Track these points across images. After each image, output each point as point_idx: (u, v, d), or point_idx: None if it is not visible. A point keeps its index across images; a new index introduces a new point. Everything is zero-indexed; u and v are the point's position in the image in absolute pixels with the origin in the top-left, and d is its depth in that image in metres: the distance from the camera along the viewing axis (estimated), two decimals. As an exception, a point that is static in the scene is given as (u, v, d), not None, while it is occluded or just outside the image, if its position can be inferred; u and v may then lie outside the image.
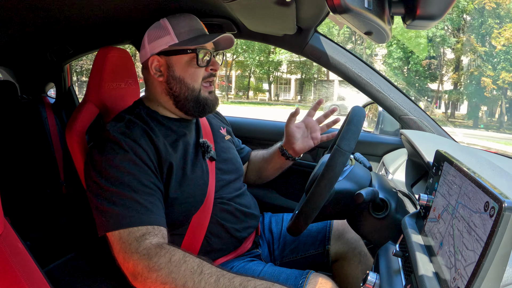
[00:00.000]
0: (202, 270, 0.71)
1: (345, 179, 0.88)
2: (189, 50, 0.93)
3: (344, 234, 1.11)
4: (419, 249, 0.63)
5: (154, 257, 0.73)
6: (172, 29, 0.93)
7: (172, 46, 0.93)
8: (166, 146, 0.90)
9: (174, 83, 0.94)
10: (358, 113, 0.84)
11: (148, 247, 0.74)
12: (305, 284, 0.85)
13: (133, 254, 0.74)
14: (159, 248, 0.74)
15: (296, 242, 1.13)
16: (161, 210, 0.84)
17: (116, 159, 0.82)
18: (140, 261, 0.73)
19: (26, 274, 0.61)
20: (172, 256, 0.73)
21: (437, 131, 1.36)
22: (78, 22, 1.24)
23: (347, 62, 1.36)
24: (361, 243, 1.09)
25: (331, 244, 1.10)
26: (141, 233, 0.76)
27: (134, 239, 0.75)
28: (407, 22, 0.59)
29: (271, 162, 1.21)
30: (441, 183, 0.65)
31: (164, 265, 0.72)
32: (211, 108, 0.98)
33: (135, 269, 0.74)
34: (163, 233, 0.80)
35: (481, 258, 0.44)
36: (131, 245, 0.75)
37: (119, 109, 1.01)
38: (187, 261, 0.72)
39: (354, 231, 0.92)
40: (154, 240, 0.76)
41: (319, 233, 1.12)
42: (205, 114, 0.99)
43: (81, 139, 1.02)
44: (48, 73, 2.04)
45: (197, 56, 0.92)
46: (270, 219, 1.19)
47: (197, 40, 0.93)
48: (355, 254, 1.08)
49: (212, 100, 0.98)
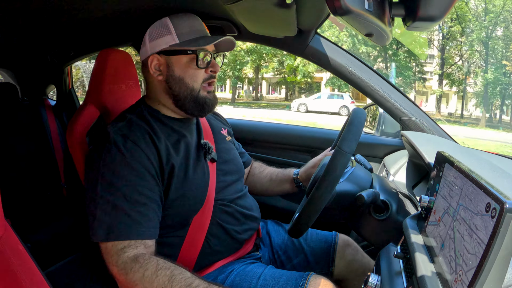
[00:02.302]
0: (171, 286, 0.74)
1: (346, 180, 0.88)
2: (190, 51, 0.93)
3: (347, 255, 1.09)
4: (420, 251, 0.63)
5: (130, 273, 0.76)
6: (174, 29, 0.93)
7: (173, 46, 0.93)
8: (168, 147, 0.90)
9: (174, 83, 0.94)
10: (359, 115, 0.84)
11: (124, 261, 0.78)
12: (306, 286, 0.85)
13: (114, 267, 0.79)
14: (134, 263, 0.77)
15: (300, 257, 1.11)
16: (152, 219, 0.84)
17: (114, 164, 0.83)
18: (119, 275, 0.78)
19: (26, 276, 0.61)
20: (145, 271, 0.76)
21: (437, 132, 1.36)
22: (79, 24, 1.24)
23: (348, 64, 1.37)
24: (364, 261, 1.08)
25: (335, 266, 1.09)
26: (122, 246, 0.80)
27: (115, 252, 0.79)
28: (408, 23, 0.59)
29: (280, 186, 1.21)
30: (442, 185, 0.65)
31: (138, 281, 0.76)
32: (210, 107, 0.98)
33: (118, 278, 0.80)
34: (145, 244, 0.82)
35: (482, 260, 0.44)
36: (112, 257, 0.79)
37: (120, 111, 1.01)
38: (158, 275, 0.75)
39: (355, 232, 0.92)
40: (132, 253, 0.79)
41: (323, 253, 1.11)
42: (205, 113, 0.99)
43: (82, 141, 1.02)
44: (49, 75, 2.05)
45: (197, 58, 0.92)
46: (271, 229, 1.18)
47: (197, 42, 0.93)
48: (358, 275, 1.06)
49: (211, 99, 0.97)
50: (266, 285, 0.88)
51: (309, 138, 1.64)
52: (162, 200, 0.88)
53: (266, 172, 1.26)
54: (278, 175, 1.23)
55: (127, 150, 0.84)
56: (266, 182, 1.24)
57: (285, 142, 1.68)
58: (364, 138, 1.53)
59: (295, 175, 1.18)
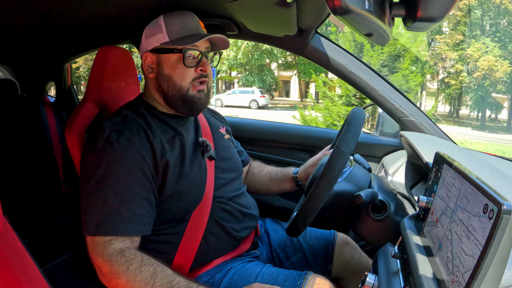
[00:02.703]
0: (154, 282, 0.76)
1: (344, 180, 0.88)
2: (176, 49, 0.92)
3: (345, 253, 1.10)
4: (418, 251, 0.63)
5: (115, 264, 0.78)
6: (165, 27, 0.93)
7: (163, 45, 0.93)
8: (163, 143, 0.90)
9: (163, 81, 0.94)
10: (358, 115, 0.84)
11: (110, 253, 0.79)
12: (304, 285, 0.85)
13: (98, 257, 0.80)
14: (120, 256, 0.79)
15: (297, 255, 1.12)
16: (141, 216, 0.84)
17: (106, 160, 0.83)
18: (103, 265, 0.79)
19: (24, 272, 0.61)
20: (130, 265, 0.78)
21: (436, 133, 1.36)
22: (78, 21, 1.24)
23: (347, 64, 1.36)
24: (362, 260, 1.08)
25: (333, 264, 1.09)
26: (109, 238, 0.81)
27: (102, 244, 0.81)
28: (408, 24, 0.59)
29: (279, 185, 1.21)
30: (440, 185, 0.66)
31: (122, 274, 0.77)
32: (199, 106, 0.96)
33: (101, 269, 0.81)
34: (132, 239, 0.84)
35: (479, 261, 0.44)
36: (98, 248, 0.81)
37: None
38: (142, 271, 0.77)
39: (353, 232, 0.92)
40: (118, 246, 0.81)
41: (321, 251, 1.11)
42: (195, 112, 0.98)
43: (81, 138, 1.02)
44: (48, 72, 2.04)
45: (184, 56, 0.92)
46: (269, 227, 1.18)
47: (185, 40, 0.92)
48: (356, 273, 1.07)
49: (201, 99, 0.96)
50: (264, 284, 0.88)
51: (308, 137, 1.64)
52: (156, 197, 0.88)
53: (266, 171, 1.26)
54: (278, 174, 1.23)
55: (120, 146, 0.84)
56: (265, 181, 1.24)
57: (283, 141, 1.68)
58: (363, 138, 1.53)
59: (294, 174, 1.18)
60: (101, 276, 0.82)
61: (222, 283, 0.91)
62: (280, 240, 1.14)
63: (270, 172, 1.25)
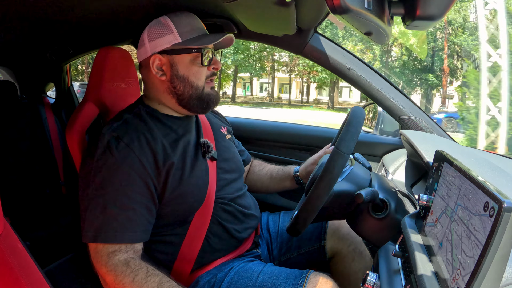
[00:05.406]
0: None
1: (344, 179, 0.88)
2: (194, 49, 0.93)
3: (340, 229, 1.11)
4: (419, 249, 0.63)
5: (120, 275, 0.78)
6: (175, 28, 0.93)
7: (176, 45, 0.92)
8: (165, 147, 0.90)
9: (178, 82, 0.94)
10: (357, 114, 0.84)
11: (115, 264, 0.80)
12: (305, 284, 0.85)
13: (102, 267, 0.81)
14: (125, 266, 0.79)
15: (293, 239, 1.13)
16: (140, 224, 0.85)
17: (105, 167, 0.83)
18: (107, 275, 0.80)
19: (25, 274, 0.61)
20: (135, 276, 0.78)
21: (436, 131, 1.36)
22: (78, 22, 1.24)
23: (347, 63, 1.37)
24: (357, 240, 1.09)
25: (327, 239, 1.10)
26: (113, 249, 0.82)
27: (106, 254, 0.81)
28: (407, 22, 0.59)
29: (280, 183, 1.22)
30: (440, 184, 0.65)
31: (127, 284, 0.78)
32: (214, 103, 0.99)
33: (104, 278, 0.82)
34: (134, 249, 0.84)
35: (480, 258, 0.44)
36: (102, 258, 0.81)
37: (119, 109, 1.01)
38: (148, 281, 0.77)
39: (354, 231, 0.92)
40: (122, 257, 0.81)
41: (315, 228, 1.12)
42: (209, 110, 1.00)
43: (81, 139, 1.02)
44: (48, 73, 2.04)
45: (202, 56, 0.93)
46: (267, 218, 1.19)
47: (202, 40, 0.93)
48: (349, 251, 1.07)
49: (215, 96, 0.99)
50: (265, 282, 0.88)
51: (308, 136, 1.64)
52: (156, 204, 0.88)
53: (266, 169, 1.27)
54: (279, 172, 1.23)
55: (119, 153, 0.84)
56: (266, 180, 1.25)
57: (284, 140, 1.68)
58: (363, 136, 1.53)
59: (295, 173, 1.19)
60: (105, 285, 0.83)
61: (223, 282, 0.91)
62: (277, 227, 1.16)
63: (271, 171, 1.25)
